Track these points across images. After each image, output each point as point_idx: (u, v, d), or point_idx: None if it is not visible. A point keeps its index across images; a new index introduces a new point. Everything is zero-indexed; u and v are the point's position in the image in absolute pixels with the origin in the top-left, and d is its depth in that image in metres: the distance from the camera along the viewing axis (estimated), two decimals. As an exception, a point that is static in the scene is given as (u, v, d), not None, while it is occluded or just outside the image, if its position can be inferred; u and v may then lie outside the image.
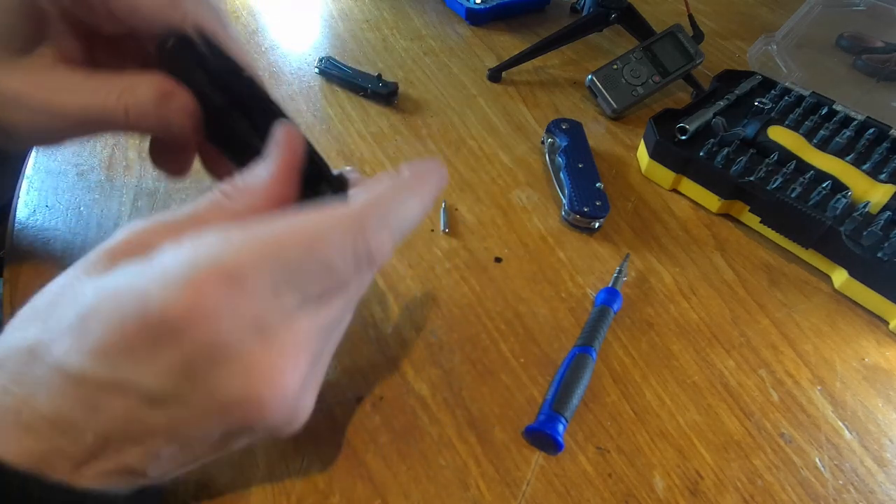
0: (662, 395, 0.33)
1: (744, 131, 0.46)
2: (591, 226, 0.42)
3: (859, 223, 0.39)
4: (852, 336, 0.38)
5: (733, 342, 0.36)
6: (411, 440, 0.30)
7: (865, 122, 0.48)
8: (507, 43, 0.62)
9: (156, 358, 0.17)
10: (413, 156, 0.47)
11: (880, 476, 0.31)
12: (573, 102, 0.55)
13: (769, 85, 0.52)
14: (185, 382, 0.18)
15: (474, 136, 0.50)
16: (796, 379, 0.35)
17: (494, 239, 0.41)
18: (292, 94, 0.52)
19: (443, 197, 0.43)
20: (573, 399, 0.31)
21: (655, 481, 0.30)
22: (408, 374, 0.33)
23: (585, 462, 0.30)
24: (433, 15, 0.65)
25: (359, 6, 0.66)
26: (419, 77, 0.56)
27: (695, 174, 0.44)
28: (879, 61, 0.57)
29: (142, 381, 0.17)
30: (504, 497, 0.28)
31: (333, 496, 0.28)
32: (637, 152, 0.49)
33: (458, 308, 0.36)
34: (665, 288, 0.39)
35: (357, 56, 0.58)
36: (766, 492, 0.30)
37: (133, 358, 0.17)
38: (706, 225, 0.44)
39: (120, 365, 0.17)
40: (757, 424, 0.32)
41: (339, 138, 0.48)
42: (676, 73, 0.53)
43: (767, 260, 0.42)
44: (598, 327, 0.34)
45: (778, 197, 0.41)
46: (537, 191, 0.45)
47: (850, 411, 0.34)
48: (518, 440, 0.30)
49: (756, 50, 0.56)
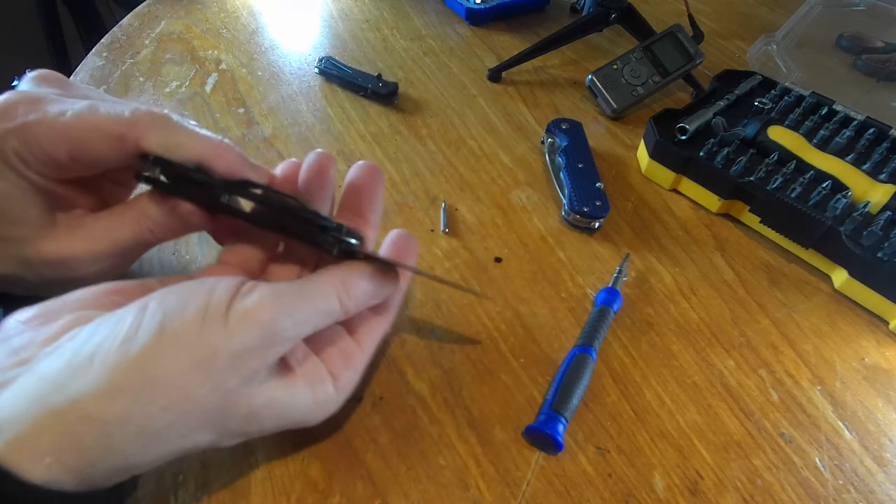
0: (662, 395, 0.33)
1: (744, 131, 0.46)
2: (591, 226, 0.42)
3: (859, 223, 0.39)
4: (852, 336, 0.38)
5: (733, 342, 0.36)
6: (411, 440, 0.30)
7: (865, 122, 0.48)
8: (507, 43, 0.62)
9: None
10: (413, 155, 0.47)
11: (880, 476, 0.31)
12: (573, 102, 0.55)
13: (769, 85, 0.52)
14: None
15: (474, 136, 0.50)
16: (796, 379, 0.35)
17: (494, 239, 0.41)
18: (292, 94, 0.52)
19: (443, 197, 0.44)
20: (573, 399, 0.31)
21: (655, 481, 0.30)
22: (408, 374, 0.33)
23: (585, 462, 0.30)
24: (433, 15, 0.65)
25: (359, 6, 0.66)
26: (419, 77, 0.56)
27: (695, 174, 0.44)
28: (879, 61, 0.57)
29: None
30: (504, 497, 0.28)
31: (333, 496, 0.28)
32: (637, 152, 0.49)
33: (458, 308, 0.36)
34: (665, 288, 0.39)
35: (357, 56, 0.58)
36: (766, 492, 0.30)
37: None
38: (706, 225, 0.44)
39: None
40: (757, 424, 0.32)
41: (339, 138, 0.48)
42: (676, 73, 0.53)
43: (767, 260, 0.42)
44: (598, 327, 0.34)
45: (778, 197, 0.41)
46: (537, 191, 0.45)
47: (850, 411, 0.34)
48: (518, 440, 0.30)
49: (756, 50, 0.56)
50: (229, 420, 0.23)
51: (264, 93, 0.52)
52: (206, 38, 0.58)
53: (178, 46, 0.57)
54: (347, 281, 0.25)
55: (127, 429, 0.20)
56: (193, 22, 0.60)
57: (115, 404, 0.20)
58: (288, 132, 0.48)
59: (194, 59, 0.55)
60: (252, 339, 0.22)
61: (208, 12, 0.62)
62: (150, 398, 0.20)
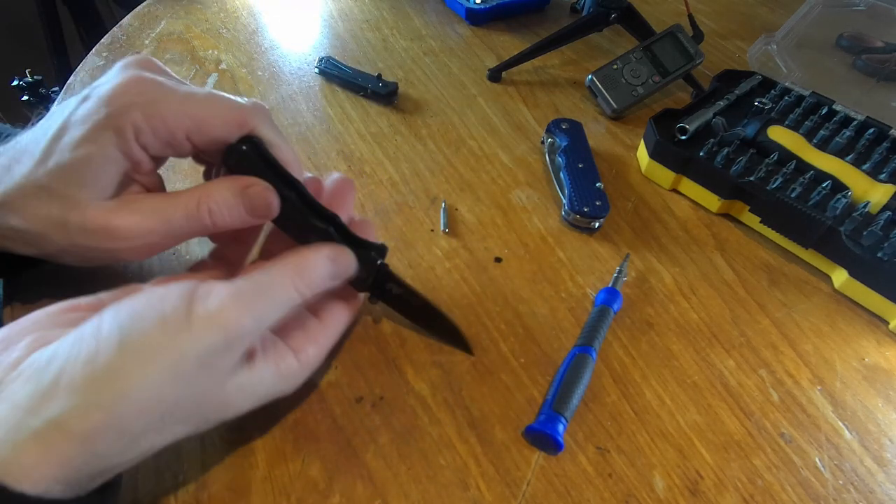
0: (662, 395, 0.33)
1: (744, 131, 0.46)
2: (591, 226, 0.42)
3: (859, 223, 0.39)
4: (852, 336, 0.38)
5: (733, 342, 0.36)
6: (411, 440, 0.30)
7: (865, 122, 0.48)
8: (507, 43, 0.62)
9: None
10: (413, 155, 0.47)
11: (880, 476, 0.31)
12: (573, 102, 0.55)
13: (769, 85, 0.52)
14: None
15: (474, 136, 0.50)
16: (796, 379, 0.35)
17: (494, 239, 0.41)
18: (292, 94, 0.52)
19: (443, 197, 0.44)
20: (573, 399, 0.31)
21: (655, 481, 0.30)
22: (408, 374, 0.33)
23: (585, 462, 0.30)
24: (433, 15, 0.65)
25: (359, 6, 0.66)
26: (419, 77, 0.56)
27: (695, 174, 0.44)
28: (879, 61, 0.57)
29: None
30: (504, 497, 0.28)
31: (333, 496, 0.28)
32: (637, 152, 0.49)
33: (458, 308, 0.36)
34: (665, 288, 0.39)
35: (357, 56, 0.58)
36: (766, 492, 0.30)
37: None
38: (706, 225, 0.44)
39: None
40: (757, 424, 0.32)
41: (339, 138, 0.48)
42: (676, 73, 0.53)
43: (767, 260, 0.42)
44: (598, 327, 0.34)
45: (778, 197, 0.41)
46: (537, 191, 0.45)
47: (850, 411, 0.34)
48: (518, 440, 0.30)
49: (756, 50, 0.56)
50: (204, 413, 0.24)
51: (264, 93, 0.52)
52: (206, 38, 0.58)
53: (178, 46, 0.57)
54: (302, 269, 0.26)
55: (107, 436, 0.21)
56: (193, 22, 0.60)
57: (92, 418, 0.20)
58: (288, 132, 0.48)
59: (194, 59, 0.55)
60: (217, 341, 0.23)
61: (208, 12, 0.62)
62: (124, 407, 0.21)
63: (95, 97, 0.25)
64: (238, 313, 0.23)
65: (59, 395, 0.20)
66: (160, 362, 0.21)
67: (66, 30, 1.18)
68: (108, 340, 0.21)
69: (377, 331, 0.35)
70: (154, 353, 0.21)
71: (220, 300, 0.23)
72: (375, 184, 0.44)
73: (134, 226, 0.26)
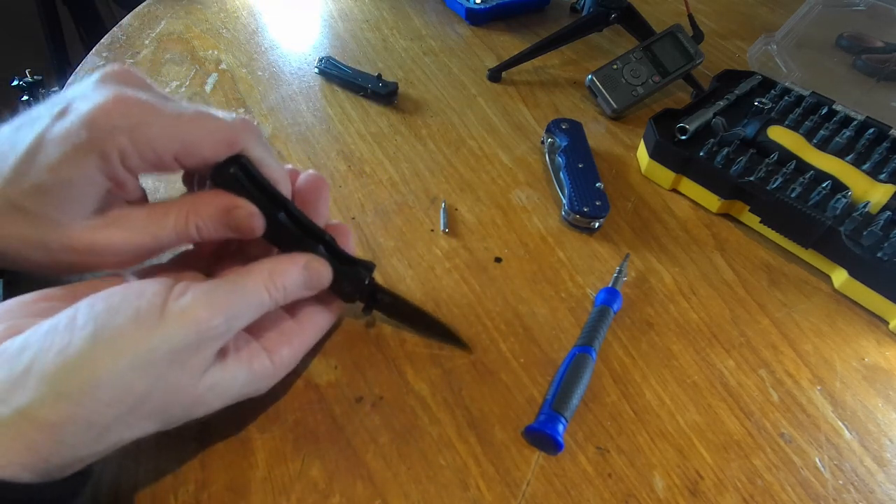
0: (662, 395, 0.33)
1: (744, 131, 0.46)
2: (591, 226, 0.42)
3: (859, 223, 0.39)
4: (852, 336, 0.38)
5: (733, 342, 0.36)
6: (411, 440, 0.30)
7: (865, 122, 0.48)
8: (507, 43, 0.62)
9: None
10: (413, 155, 0.47)
11: (880, 476, 0.31)
12: (573, 102, 0.55)
13: (769, 85, 0.52)
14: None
15: (474, 136, 0.50)
16: (796, 379, 0.35)
17: (494, 239, 0.41)
18: (292, 94, 0.52)
19: (443, 197, 0.44)
20: (573, 399, 0.31)
21: (655, 481, 0.30)
22: (408, 374, 0.33)
23: (585, 462, 0.30)
24: (433, 15, 0.65)
25: (359, 6, 0.66)
26: (419, 77, 0.56)
27: (695, 174, 0.44)
28: (879, 61, 0.57)
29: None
30: (504, 497, 0.28)
31: (333, 496, 0.28)
32: (637, 152, 0.49)
33: (458, 308, 0.36)
34: (665, 288, 0.39)
35: (357, 56, 0.58)
36: (766, 492, 0.30)
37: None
38: (706, 225, 0.44)
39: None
40: (757, 424, 0.32)
41: (339, 138, 0.48)
42: (676, 73, 0.53)
43: (767, 260, 0.42)
44: (598, 327, 0.34)
45: (778, 197, 0.41)
46: (537, 191, 0.45)
47: (850, 411, 0.34)
48: (518, 440, 0.30)
49: (756, 50, 0.56)
50: (173, 409, 0.24)
51: (264, 93, 0.52)
52: (206, 38, 0.58)
53: (178, 46, 0.57)
54: (275, 274, 0.27)
55: (76, 427, 0.21)
56: (193, 22, 0.60)
57: (60, 408, 0.21)
58: (288, 132, 0.48)
59: (194, 59, 0.55)
60: (189, 338, 0.23)
61: (208, 12, 0.62)
62: (94, 398, 0.21)
63: (75, 117, 0.23)
64: (210, 312, 0.24)
65: (29, 384, 0.20)
66: (131, 355, 0.22)
67: (66, 30, 1.18)
68: (82, 332, 0.22)
69: (377, 331, 0.35)
70: (125, 345, 0.22)
71: (194, 298, 0.24)
72: (375, 184, 0.44)
73: (121, 242, 0.26)
